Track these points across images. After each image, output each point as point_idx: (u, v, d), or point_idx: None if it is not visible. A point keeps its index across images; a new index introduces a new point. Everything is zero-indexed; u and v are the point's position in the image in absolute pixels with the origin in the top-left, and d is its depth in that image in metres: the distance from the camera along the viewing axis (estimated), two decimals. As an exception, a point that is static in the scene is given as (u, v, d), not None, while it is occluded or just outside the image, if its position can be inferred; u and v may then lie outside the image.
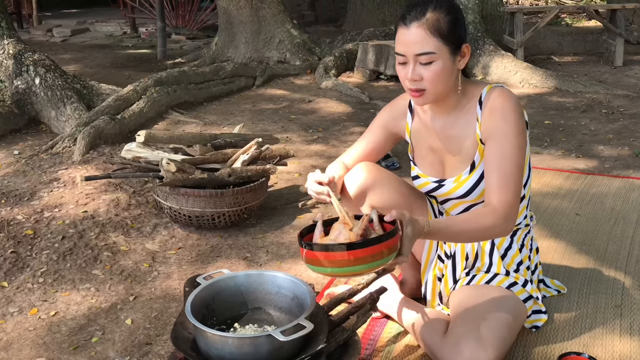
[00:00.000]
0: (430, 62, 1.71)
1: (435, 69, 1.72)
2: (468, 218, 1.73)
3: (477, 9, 7.15)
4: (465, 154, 1.89)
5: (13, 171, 3.79)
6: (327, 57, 6.79)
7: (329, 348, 1.64)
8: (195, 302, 1.70)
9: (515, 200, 1.73)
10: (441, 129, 1.91)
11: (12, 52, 5.00)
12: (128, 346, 2.11)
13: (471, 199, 1.91)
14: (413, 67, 1.73)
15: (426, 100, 1.79)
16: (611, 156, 4.01)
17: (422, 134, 1.98)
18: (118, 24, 10.84)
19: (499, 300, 1.86)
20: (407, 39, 1.72)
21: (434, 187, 1.97)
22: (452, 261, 2.03)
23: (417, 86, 1.75)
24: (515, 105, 1.80)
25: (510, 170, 1.74)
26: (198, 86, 5.64)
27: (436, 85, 1.75)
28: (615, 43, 7.00)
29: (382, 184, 2.02)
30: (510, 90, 1.86)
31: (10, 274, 2.57)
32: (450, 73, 1.76)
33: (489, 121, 1.80)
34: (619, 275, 2.43)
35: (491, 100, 1.81)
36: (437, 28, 1.70)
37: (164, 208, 2.96)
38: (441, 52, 1.71)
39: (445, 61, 1.72)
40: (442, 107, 1.88)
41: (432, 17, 1.70)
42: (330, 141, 4.42)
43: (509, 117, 1.77)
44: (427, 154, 1.98)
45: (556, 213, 3.05)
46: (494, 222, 1.69)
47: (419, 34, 1.70)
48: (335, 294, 2.20)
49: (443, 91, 1.79)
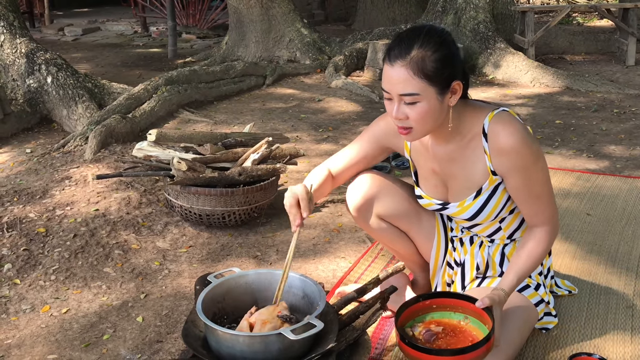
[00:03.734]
0: (415, 103, 1.62)
1: (420, 110, 1.62)
2: (529, 253, 1.77)
3: (488, 7, 7.12)
4: (472, 182, 1.82)
5: (25, 169, 3.81)
6: (337, 56, 6.78)
7: (339, 347, 1.65)
8: (206, 300, 1.71)
9: (554, 210, 1.79)
10: (443, 156, 1.84)
11: (24, 51, 5.03)
12: (139, 344, 2.13)
13: (477, 221, 1.87)
14: (397, 107, 1.64)
15: (414, 137, 1.71)
16: (623, 156, 3.98)
17: (423, 155, 1.90)
18: (129, 23, 10.89)
19: (509, 303, 1.84)
20: (390, 77, 1.62)
21: (438, 208, 1.93)
22: (462, 269, 2.01)
23: (404, 124, 1.67)
24: (522, 137, 1.70)
25: (539, 191, 1.75)
26: (208, 85, 5.66)
27: (423, 125, 1.66)
28: (627, 42, 6.95)
29: (388, 192, 1.99)
30: (511, 116, 1.74)
31: (22, 272, 2.59)
32: (439, 112, 1.66)
33: (502, 160, 1.73)
34: (630, 276, 2.42)
35: (497, 140, 1.71)
36: (421, 68, 1.58)
37: (175, 207, 2.97)
38: (426, 92, 1.60)
39: (431, 101, 1.62)
40: (440, 137, 1.80)
41: (417, 56, 1.58)
42: (340, 140, 4.42)
43: (522, 151, 1.70)
44: (429, 175, 1.92)
45: (567, 213, 3.04)
46: (548, 238, 1.78)
47: (402, 74, 1.59)
48: (345, 292, 2.20)
49: (432, 128, 1.70)
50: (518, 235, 1.93)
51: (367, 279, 2.40)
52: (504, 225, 1.90)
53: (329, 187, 1.97)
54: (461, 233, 2.01)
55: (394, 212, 1.99)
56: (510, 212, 1.86)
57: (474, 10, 7.06)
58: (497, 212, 1.83)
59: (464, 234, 2.00)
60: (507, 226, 1.90)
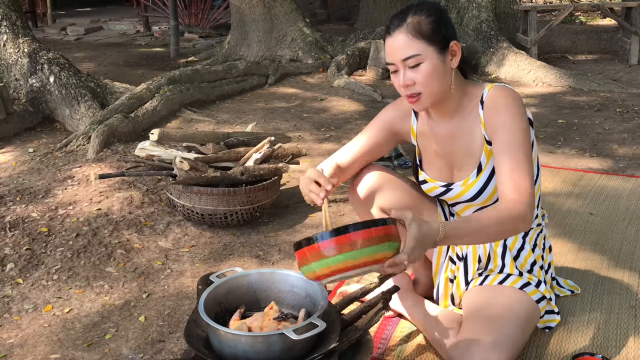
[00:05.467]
0: (418, 64, 1.71)
1: (425, 70, 1.71)
2: (488, 212, 1.67)
3: (490, 7, 7.11)
4: (472, 156, 1.86)
5: (28, 169, 3.82)
6: (340, 56, 6.78)
7: (342, 347, 1.65)
8: (208, 300, 1.71)
9: (530, 185, 1.67)
10: (446, 134, 1.89)
11: (27, 50, 5.04)
12: (141, 343, 2.13)
13: (479, 202, 1.89)
14: (404, 73, 1.73)
15: (424, 104, 1.77)
16: (625, 155, 3.97)
17: (428, 138, 1.95)
18: (131, 23, 10.90)
19: (511, 301, 1.85)
20: (392, 46, 1.74)
21: (442, 191, 1.95)
22: (464, 263, 2.02)
23: (412, 91, 1.74)
24: (517, 101, 1.77)
25: (520, 157, 1.70)
26: (211, 84, 5.66)
27: (429, 87, 1.73)
28: (630, 41, 6.94)
29: (391, 185, 2.01)
30: (511, 88, 1.82)
31: (25, 271, 2.60)
32: (443, 72, 1.74)
33: (492, 119, 1.77)
34: (633, 276, 2.41)
35: (493, 99, 1.78)
36: (418, 30, 1.70)
37: (177, 206, 2.97)
38: (427, 52, 1.70)
39: (433, 61, 1.71)
40: (444, 111, 1.86)
41: (413, 21, 1.71)
42: (342, 140, 4.42)
43: (512, 111, 1.74)
44: (434, 158, 1.96)
45: (570, 213, 3.03)
46: (513, 209, 1.63)
47: (402, 40, 1.71)
48: (347, 292, 2.20)
49: (439, 91, 1.76)
50: None
51: (370, 279, 2.40)
52: None
53: (337, 179, 1.96)
54: None
55: (397, 205, 1.99)
56: None
57: (476, 9, 7.05)
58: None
59: None
60: None
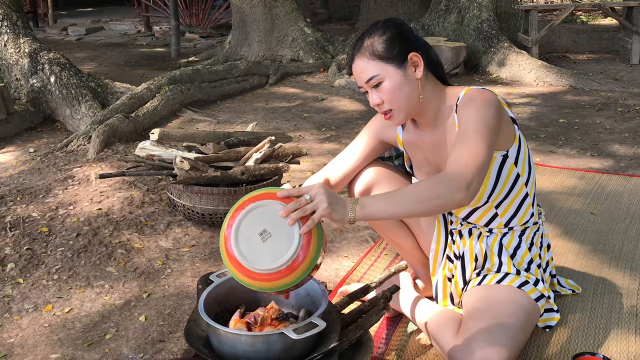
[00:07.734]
0: (380, 83, 1.76)
1: (387, 88, 1.76)
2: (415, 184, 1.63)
3: (491, 6, 7.10)
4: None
5: (28, 169, 3.82)
6: (340, 55, 6.78)
7: (342, 346, 1.64)
8: (208, 299, 1.70)
9: (473, 157, 1.60)
10: (431, 142, 1.91)
11: (28, 50, 5.04)
12: (141, 343, 2.13)
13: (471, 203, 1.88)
14: (370, 94, 1.79)
15: (398, 119, 1.81)
16: (627, 155, 3.97)
17: (415, 145, 1.97)
18: (132, 23, 10.91)
19: (510, 300, 1.85)
20: (355, 71, 1.81)
21: None
22: (461, 262, 2.02)
23: (383, 109, 1.80)
24: (486, 99, 1.72)
25: (470, 138, 1.64)
26: (211, 84, 5.66)
27: (397, 102, 1.77)
28: (632, 41, 6.93)
29: (389, 180, 2.02)
30: (488, 90, 1.78)
31: (25, 271, 2.60)
32: (408, 85, 1.76)
33: (460, 118, 1.74)
34: (634, 275, 2.41)
35: (464, 101, 1.76)
36: (372, 52, 1.76)
37: (178, 206, 2.97)
38: (384, 71, 1.75)
39: (393, 77, 1.75)
40: (424, 120, 1.88)
41: (367, 44, 1.77)
42: (343, 139, 4.41)
43: (475, 104, 1.71)
44: (423, 164, 1.98)
45: (571, 212, 3.03)
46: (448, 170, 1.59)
47: (360, 64, 1.78)
48: (348, 292, 2.20)
49: (408, 105, 1.78)
50: (515, 223, 1.94)
51: (370, 279, 2.40)
52: (500, 211, 1.91)
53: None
54: (460, 225, 2.02)
55: None
56: (505, 195, 1.88)
57: (477, 9, 7.04)
58: (489, 190, 1.84)
59: (463, 227, 2.01)
60: (504, 212, 1.92)
